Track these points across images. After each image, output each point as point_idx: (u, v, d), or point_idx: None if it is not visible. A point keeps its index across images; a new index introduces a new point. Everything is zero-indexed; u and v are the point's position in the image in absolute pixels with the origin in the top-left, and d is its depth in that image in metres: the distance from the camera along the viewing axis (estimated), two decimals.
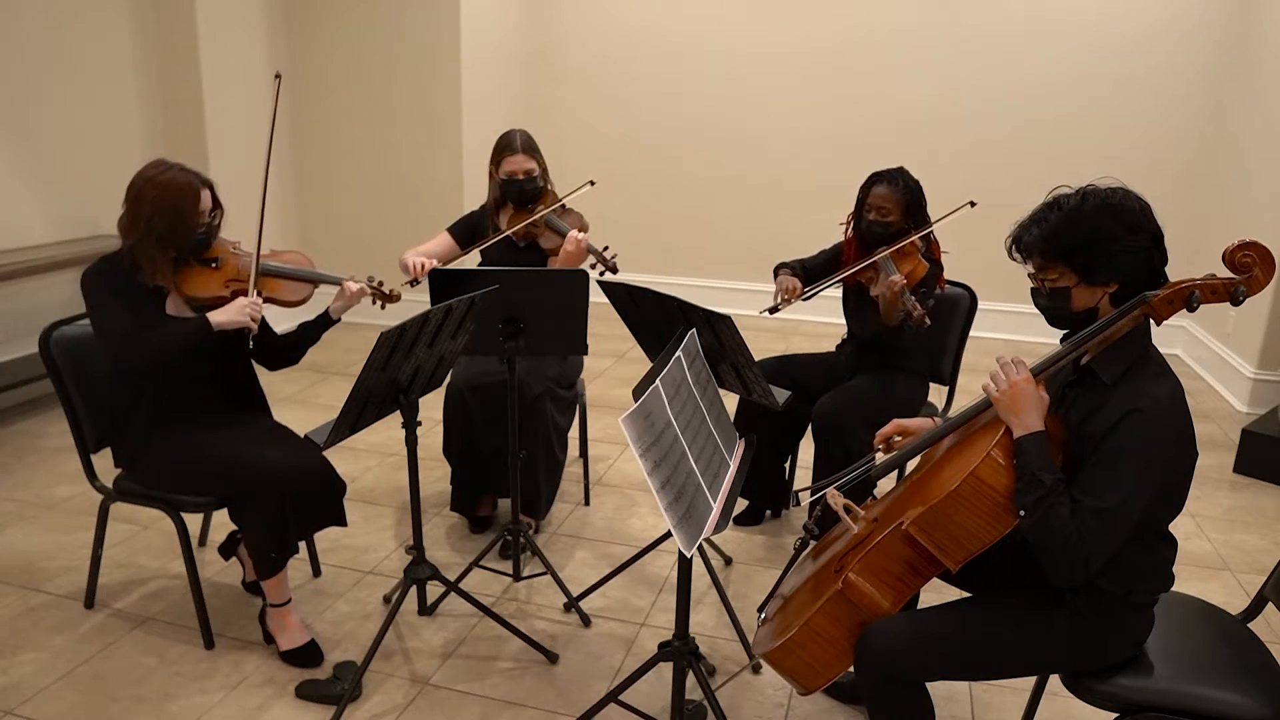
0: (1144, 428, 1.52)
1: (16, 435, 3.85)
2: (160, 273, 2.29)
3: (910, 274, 2.76)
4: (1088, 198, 1.60)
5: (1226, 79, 5.09)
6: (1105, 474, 1.53)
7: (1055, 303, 1.65)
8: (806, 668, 1.72)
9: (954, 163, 5.59)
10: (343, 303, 2.47)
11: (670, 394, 1.72)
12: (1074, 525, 1.51)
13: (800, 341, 5.52)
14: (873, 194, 2.84)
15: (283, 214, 5.59)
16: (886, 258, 2.76)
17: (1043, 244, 1.62)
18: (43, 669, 2.32)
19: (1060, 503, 1.53)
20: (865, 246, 2.89)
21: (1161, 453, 1.54)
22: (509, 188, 3.00)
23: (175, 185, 2.27)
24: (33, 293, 3.95)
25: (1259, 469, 3.71)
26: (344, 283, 2.46)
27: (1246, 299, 1.57)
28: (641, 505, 3.35)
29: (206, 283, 2.35)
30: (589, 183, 3.03)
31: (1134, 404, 1.53)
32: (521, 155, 2.97)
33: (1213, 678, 1.65)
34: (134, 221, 2.26)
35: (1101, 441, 1.55)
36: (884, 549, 1.69)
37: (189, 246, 2.32)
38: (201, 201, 2.29)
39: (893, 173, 2.85)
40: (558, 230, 2.94)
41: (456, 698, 2.27)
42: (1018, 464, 1.57)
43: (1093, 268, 1.58)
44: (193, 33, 4.63)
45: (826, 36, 5.70)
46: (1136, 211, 1.58)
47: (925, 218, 2.86)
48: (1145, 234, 1.57)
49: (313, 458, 2.34)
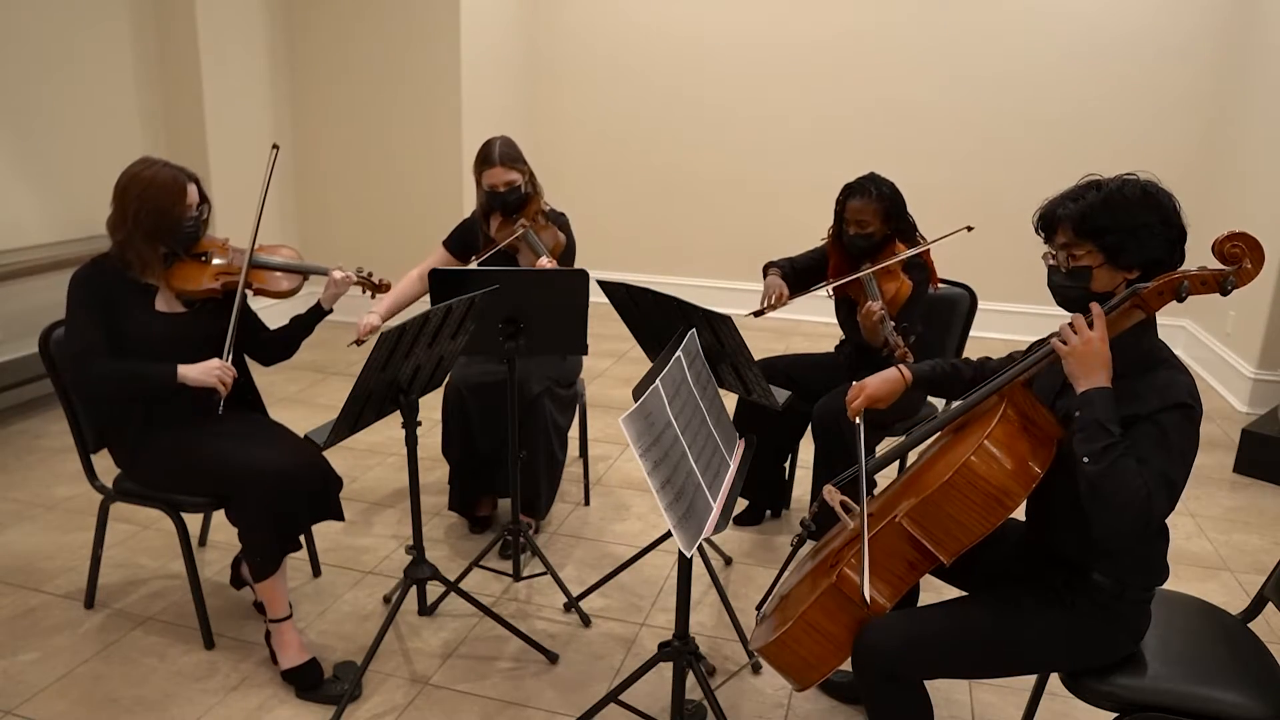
0: (1190, 421, 1.54)
1: (16, 435, 3.85)
2: (150, 269, 2.29)
3: (894, 295, 2.75)
4: (1128, 184, 1.62)
5: (1226, 78, 5.09)
6: (1161, 447, 1.52)
7: (1074, 281, 1.65)
8: (802, 662, 1.73)
9: (954, 163, 5.60)
10: (332, 291, 2.50)
11: (670, 394, 1.72)
12: (1144, 480, 1.49)
13: (800, 341, 5.52)
14: (849, 209, 2.83)
15: (281, 215, 5.59)
16: (870, 277, 2.75)
17: (1078, 219, 1.62)
18: (43, 669, 2.32)
19: (1128, 454, 1.51)
20: (851, 258, 2.89)
21: (1195, 445, 1.56)
22: (492, 199, 2.99)
23: (160, 180, 2.27)
24: (33, 293, 3.95)
25: (1259, 469, 3.70)
26: (330, 271, 2.49)
27: (1235, 289, 1.58)
28: (641, 505, 3.35)
29: (197, 276, 2.36)
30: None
31: (1177, 398, 1.53)
32: (500, 168, 2.94)
33: (1212, 678, 1.65)
34: (121, 219, 2.27)
35: (1135, 422, 1.54)
36: (879, 542, 1.70)
37: (178, 241, 2.33)
38: (188, 196, 2.30)
39: (864, 183, 2.82)
40: (534, 250, 2.92)
41: (456, 698, 2.27)
42: (1081, 415, 1.55)
43: (1121, 250, 1.60)
44: (193, 34, 4.63)
45: (826, 36, 5.70)
46: (1171, 207, 1.61)
47: (906, 218, 2.86)
48: (1175, 228, 1.60)
49: (308, 455, 2.34)
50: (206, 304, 2.40)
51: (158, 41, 4.68)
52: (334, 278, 2.49)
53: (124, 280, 2.29)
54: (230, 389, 2.30)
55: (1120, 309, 1.60)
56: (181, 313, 2.37)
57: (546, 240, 2.95)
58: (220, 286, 2.37)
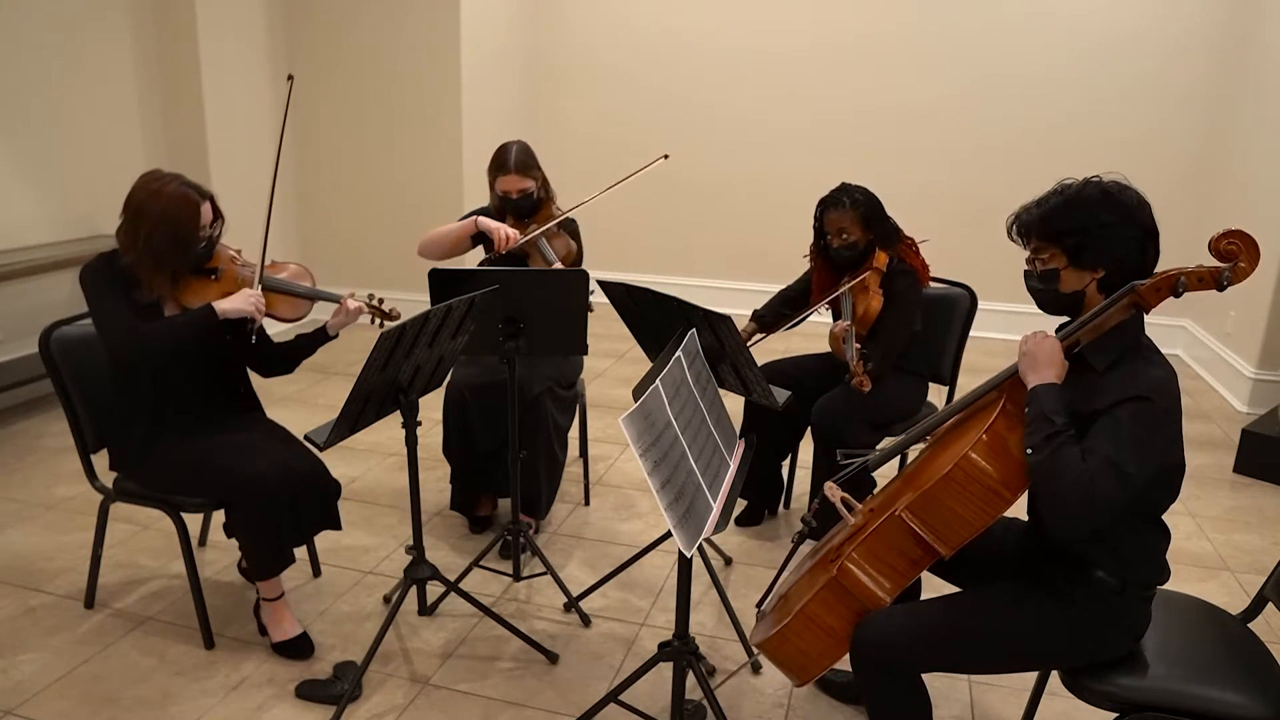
0: (1148, 413, 1.53)
1: (16, 435, 3.85)
2: (159, 287, 2.27)
3: (864, 313, 2.77)
4: (1089, 185, 1.66)
5: (1226, 79, 5.09)
6: (1111, 436, 1.53)
7: (1045, 284, 1.70)
8: (802, 656, 1.74)
9: (954, 164, 5.59)
10: (341, 319, 2.46)
11: (670, 394, 1.73)
12: (1085, 466, 1.51)
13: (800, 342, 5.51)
14: (828, 222, 2.85)
15: (282, 219, 5.59)
16: (847, 293, 2.78)
17: (1040, 223, 1.68)
18: (43, 669, 2.32)
19: (1071, 443, 1.54)
20: (837, 270, 2.91)
21: (1161, 437, 1.56)
22: (505, 204, 3.01)
23: (175, 201, 2.23)
24: (33, 293, 3.95)
25: (1259, 469, 3.70)
26: (343, 299, 2.45)
27: (1231, 286, 1.59)
28: (641, 505, 3.35)
29: (205, 295, 2.33)
30: (663, 156, 3.17)
31: (1136, 390, 1.54)
32: (515, 175, 2.96)
33: (1212, 678, 1.65)
34: (133, 239, 2.23)
35: (1097, 417, 1.56)
36: (879, 536, 1.71)
37: (190, 261, 2.30)
38: (202, 216, 2.27)
39: (837, 194, 2.84)
40: (545, 258, 2.94)
41: (456, 698, 2.27)
42: (1029, 410, 1.59)
43: (1082, 251, 1.63)
44: (193, 33, 4.63)
45: (826, 38, 5.70)
46: (1132, 204, 1.62)
47: (887, 220, 2.86)
48: (1137, 225, 1.61)
49: (306, 462, 2.34)
50: None
51: (158, 41, 4.68)
52: (346, 306, 2.44)
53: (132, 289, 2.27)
54: (260, 321, 2.31)
55: (1118, 305, 1.61)
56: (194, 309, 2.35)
57: (559, 249, 2.97)
58: None
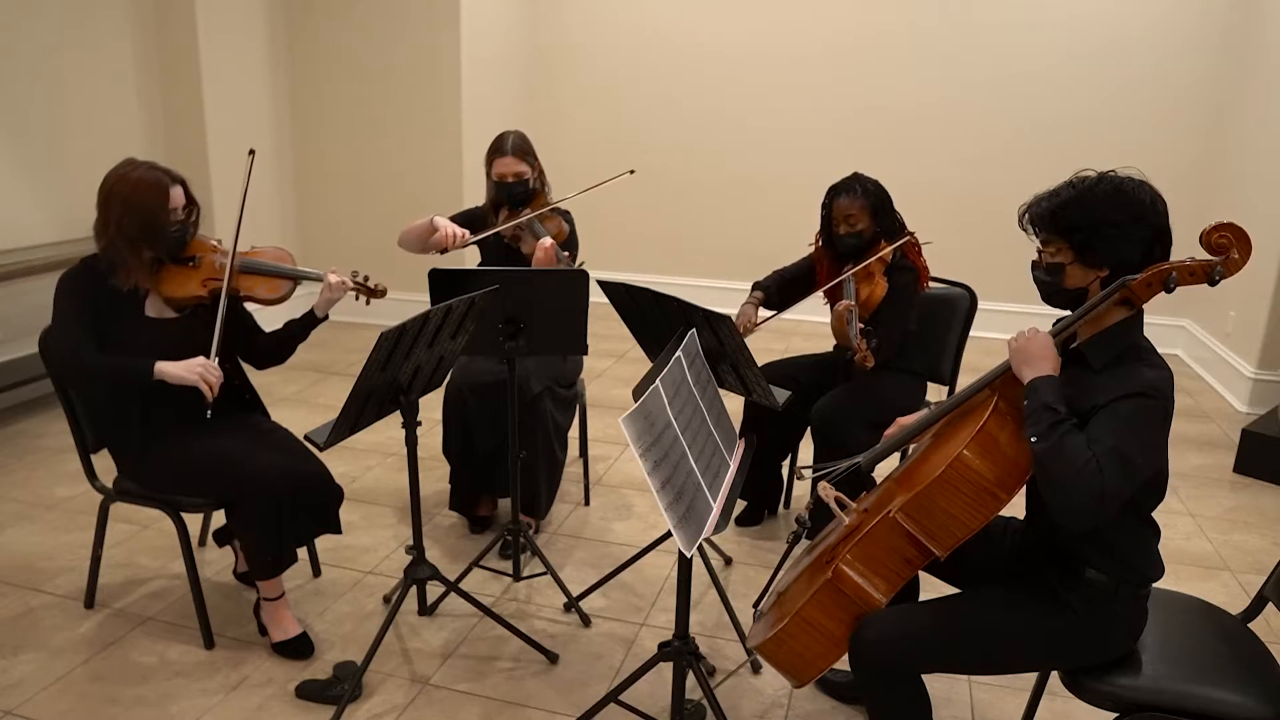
0: (1149, 408, 1.53)
1: (16, 435, 3.85)
2: (136, 274, 2.26)
3: (867, 298, 2.76)
4: (1103, 180, 1.63)
5: (1227, 79, 5.09)
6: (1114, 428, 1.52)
7: (1050, 277, 1.69)
8: (800, 658, 1.73)
9: (954, 164, 5.59)
10: (326, 297, 2.41)
11: (670, 394, 1.72)
12: (1092, 454, 1.49)
13: (800, 342, 5.52)
14: (836, 207, 2.85)
15: (281, 214, 5.60)
16: (850, 279, 2.77)
17: (1049, 217, 1.65)
18: (43, 669, 2.32)
19: (1076, 431, 1.52)
20: (841, 259, 2.90)
21: (1160, 434, 1.56)
22: (499, 190, 3.01)
23: (143, 184, 2.22)
24: (33, 293, 3.95)
25: (1259, 469, 3.71)
26: (325, 275, 2.42)
27: (1223, 279, 1.59)
28: (641, 505, 3.35)
29: (184, 282, 2.31)
30: (629, 171, 3.15)
31: (1135, 387, 1.53)
32: (511, 158, 2.96)
33: (1212, 677, 1.65)
34: (105, 224, 2.23)
35: (1095, 413, 1.55)
36: (873, 538, 1.70)
37: (164, 246, 2.28)
38: (172, 199, 2.25)
39: (849, 182, 2.84)
40: (535, 234, 2.93)
41: (456, 698, 2.27)
42: (1028, 402, 1.57)
43: (1088, 249, 1.61)
44: (193, 33, 4.63)
45: (828, 38, 5.70)
46: (1145, 203, 1.59)
47: (893, 214, 2.86)
48: (1147, 226, 1.59)
49: (308, 465, 2.34)
50: (198, 310, 2.37)
51: (157, 41, 4.68)
52: (329, 282, 2.40)
53: (111, 284, 2.26)
54: (217, 392, 2.21)
55: (1109, 301, 1.60)
56: (173, 318, 2.35)
57: (550, 228, 2.96)
58: (208, 294, 2.32)
